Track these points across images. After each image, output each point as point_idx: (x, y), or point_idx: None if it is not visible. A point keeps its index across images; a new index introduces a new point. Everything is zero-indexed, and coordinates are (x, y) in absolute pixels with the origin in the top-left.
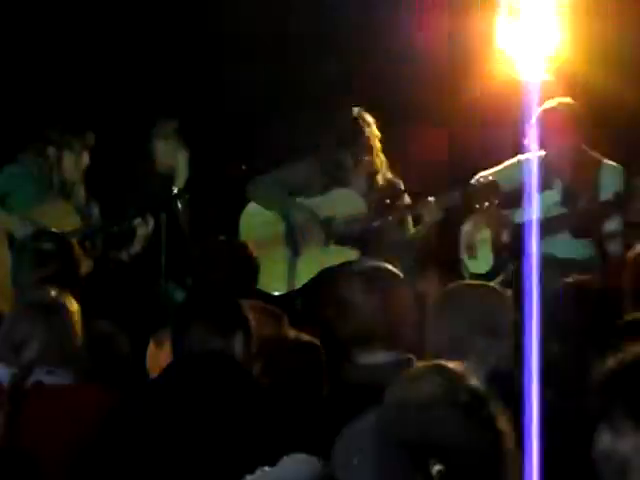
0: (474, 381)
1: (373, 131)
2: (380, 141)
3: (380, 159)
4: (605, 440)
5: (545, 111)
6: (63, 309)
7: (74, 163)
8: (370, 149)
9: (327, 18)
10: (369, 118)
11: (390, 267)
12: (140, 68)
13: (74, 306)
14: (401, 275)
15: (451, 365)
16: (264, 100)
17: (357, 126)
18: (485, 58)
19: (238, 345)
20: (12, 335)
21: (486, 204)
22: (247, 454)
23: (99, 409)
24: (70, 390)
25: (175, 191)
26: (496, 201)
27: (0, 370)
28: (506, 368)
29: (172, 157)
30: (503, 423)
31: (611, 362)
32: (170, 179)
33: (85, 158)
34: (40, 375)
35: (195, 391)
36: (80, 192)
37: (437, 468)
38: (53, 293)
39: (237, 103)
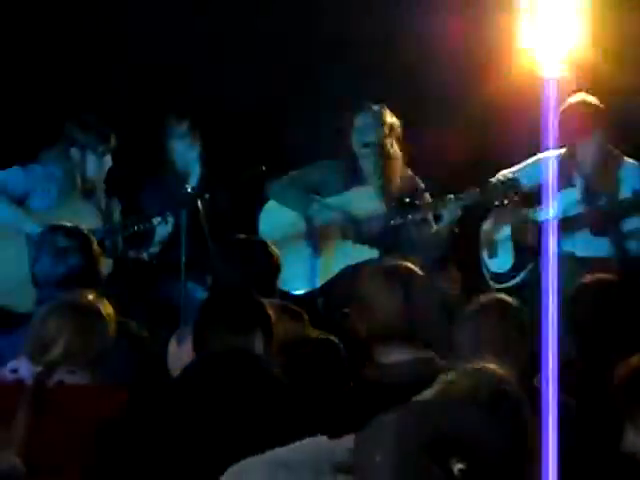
0: (508, 382)
1: (393, 129)
2: (400, 139)
3: (400, 157)
4: (629, 439)
5: (567, 108)
6: (96, 313)
7: (97, 165)
8: (389, 147)
9: (346, 18)
10: (389, 116)
11: (410, 265)
12: (154, 66)
13: (109, 310)
14: (421, 273)
15: (489, 366)
16: (281, 99)
17: (376, 124)
18: (505, 55)
19: (259, 344)
20: (41, 334)
21: (506, 202)
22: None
23: (117, 409)
24: (89, 390)
25: (189, 190)
26: (516, 199)
27: (24, 368)
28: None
29: (188, 156)
30: (529, 424)
31: (634, 362)
32: (186, 178)
33: (108, 160)
34: (62, 375)
35: (217, 390)
36: (101, 193)
37: (459, 467)
38: (89, 296)
39: (254, 102)
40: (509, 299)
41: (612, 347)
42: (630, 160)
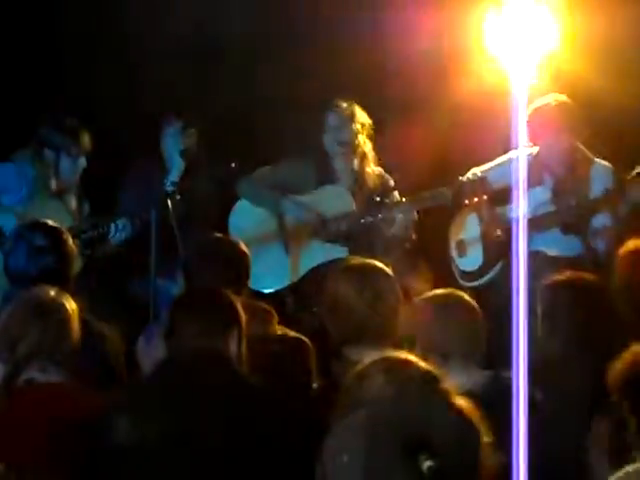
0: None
1: (364, 126)
2: (370, 138)
3: (370, 156)
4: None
5: (538, 108)
6: (61, 309)
7: (71, 167)
8: (362, 146)
9: (316, 17)
10: (359, 114)
11: (380, 264)
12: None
13: (72, 306)
14: (390, 273)
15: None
16: (255, 100)
17: (349, 123)
18: (475, 55)
19: (232, 343)
20: (7, 332)
21: (475, 201)
22: (239, 453)
23: (87, 408)
24: (59, 388)
25: (169, 185)
26: (485, 197)
27: None
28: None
29: (173, 152)
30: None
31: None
32: (169, 173)
33: (82, 161)
34: (32, 373)
35: (188, 390)
36: (74, 193)
37: (428, 464)
38: (52, 292)
39: (227, 102)
40: (466, 297)
41: (586, 344)
42: (600, 161)
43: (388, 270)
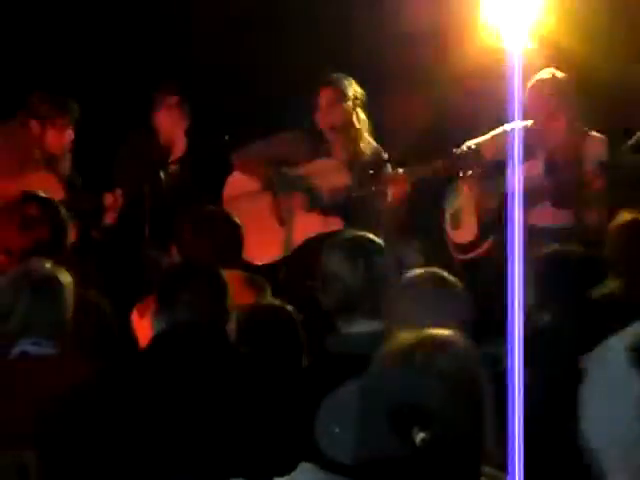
0: (460, 349)
1: (357, 98)
2: (364, 110)
3: (363, 129)
4: None
5: (535, 84)
6: (53, 281)
7: (57, 138)
8: (355, 123)
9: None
10: (352, 87)
11: (372, 237)
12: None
13: (67, 278)
14: (383, 244)
15: (439, 333)
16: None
17: (341, 101)
18: (470, 27)
19: (221, 316)
20: (0, 305)
21: (469, 173)
22: (233, 427)
23: (81, 379)
24: (53, 360)
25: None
26: (479, 170)
27: None
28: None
29: (173, 129)
30: (484, 392)
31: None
32: (169, 150)
33: (69, 133)
34: (26, 346)
35: (182, 364)
36: (65, 164)
37: (421, 436)
38: (46, 265)
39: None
40: (443, 273)
41: (576, 316)
42: (595, 134)
43: (381, 242)
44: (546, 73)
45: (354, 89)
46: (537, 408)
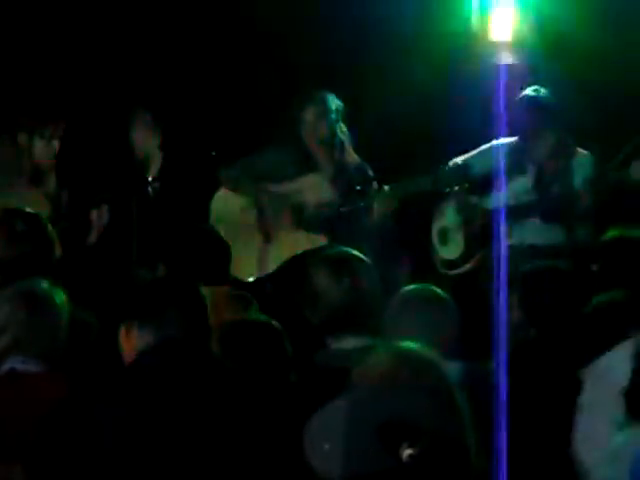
0: (443, 367)
1: (339, 112)
2: (345, 120)
3: (349, 142)
4: None
5: (520, 101)
6: (49, 301)
7: (45, 150)
8: (340, 135)
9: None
10: (333, 101)
11: (359, 254)
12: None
13: (62, 299)
14: (369, 261)
15: (421, 350)
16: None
17: (325, 114)
18: (458, 40)
19: (207, 331)
20: None
21: (456, 189)
22: (220, 443)
23: (67, 395)
24: (40, 377)
25: (150, 179)
26: (466, 186)
27: None
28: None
29: (149, 145)
30: (467, 410)
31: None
32: (146, 167)
33: (56, 145)
34: (15, 363)
35: (167, 380)
36: (51, 180)
37: (408, 452)
38: (43, 284)
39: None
40: (436, 289)
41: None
42: (582, 150)
43: (367, 259)
44: (531, 91)
45: (336, 103)
46: (523, 422)
